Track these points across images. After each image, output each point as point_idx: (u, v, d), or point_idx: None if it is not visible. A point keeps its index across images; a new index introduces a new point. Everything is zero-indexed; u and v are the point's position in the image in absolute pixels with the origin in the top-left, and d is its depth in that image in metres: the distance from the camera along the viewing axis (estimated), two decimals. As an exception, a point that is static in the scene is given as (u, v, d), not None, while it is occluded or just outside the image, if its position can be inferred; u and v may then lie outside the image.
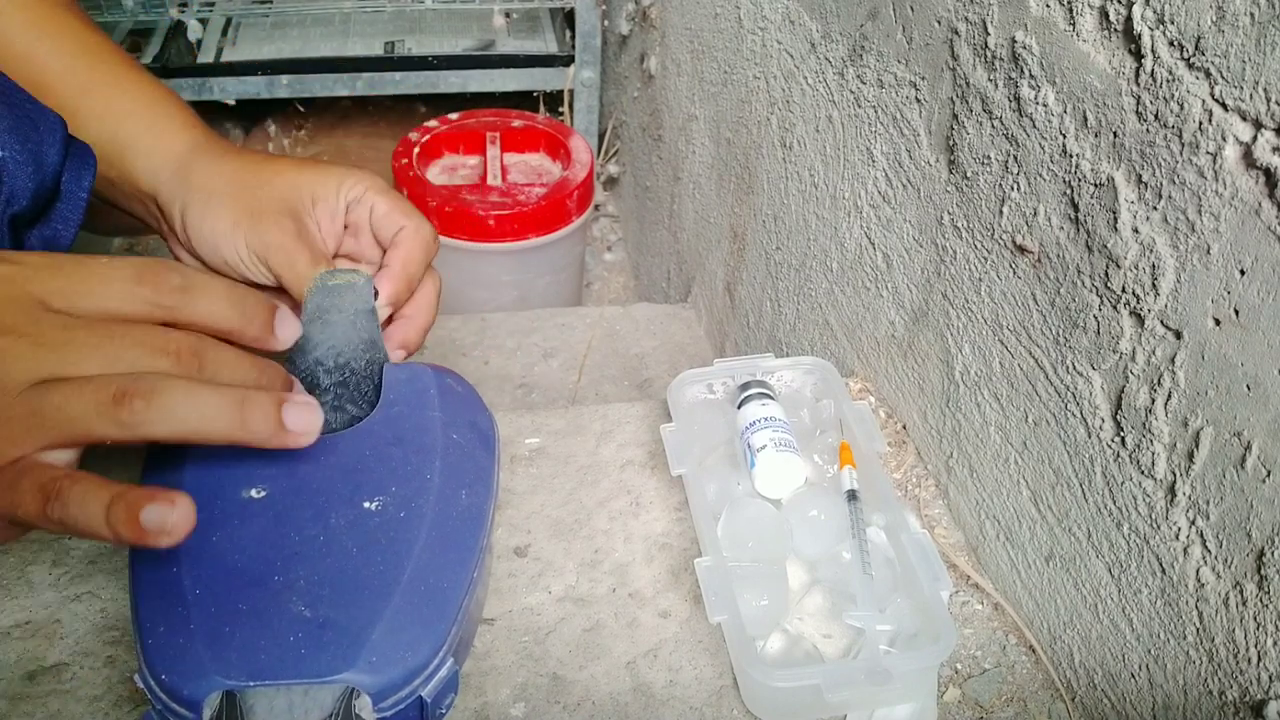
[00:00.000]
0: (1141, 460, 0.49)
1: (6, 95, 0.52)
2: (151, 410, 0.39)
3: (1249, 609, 0.43)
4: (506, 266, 1.44)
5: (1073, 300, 0.52)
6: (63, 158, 0.55)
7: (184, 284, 0.42)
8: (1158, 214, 0.46)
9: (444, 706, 0.45)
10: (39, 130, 0.53)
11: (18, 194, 0.52)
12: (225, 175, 0.57)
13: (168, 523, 0.38)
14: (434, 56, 1.68)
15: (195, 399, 0.40)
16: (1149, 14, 0.44)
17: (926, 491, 0.68)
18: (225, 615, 0.42)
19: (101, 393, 0.38)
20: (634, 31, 1.52)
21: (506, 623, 0.56)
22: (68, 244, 0.59)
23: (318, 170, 0.58)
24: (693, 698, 0.53)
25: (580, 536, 0.61)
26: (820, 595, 0.57)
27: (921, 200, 0.67)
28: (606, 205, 1.82)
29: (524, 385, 1.11)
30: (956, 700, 0.55)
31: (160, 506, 0.38)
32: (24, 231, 0.56)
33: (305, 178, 0.58)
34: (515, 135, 1.56)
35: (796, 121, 0.89)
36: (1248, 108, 0.40)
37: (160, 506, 0.38)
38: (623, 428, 0.69)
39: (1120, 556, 0.51)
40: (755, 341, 1.07)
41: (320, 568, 0.44)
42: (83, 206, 0.58)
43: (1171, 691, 0.49)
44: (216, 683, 0.40)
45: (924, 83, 0.65)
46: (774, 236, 0.97)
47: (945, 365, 0.65)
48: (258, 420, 0.41)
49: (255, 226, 0.55)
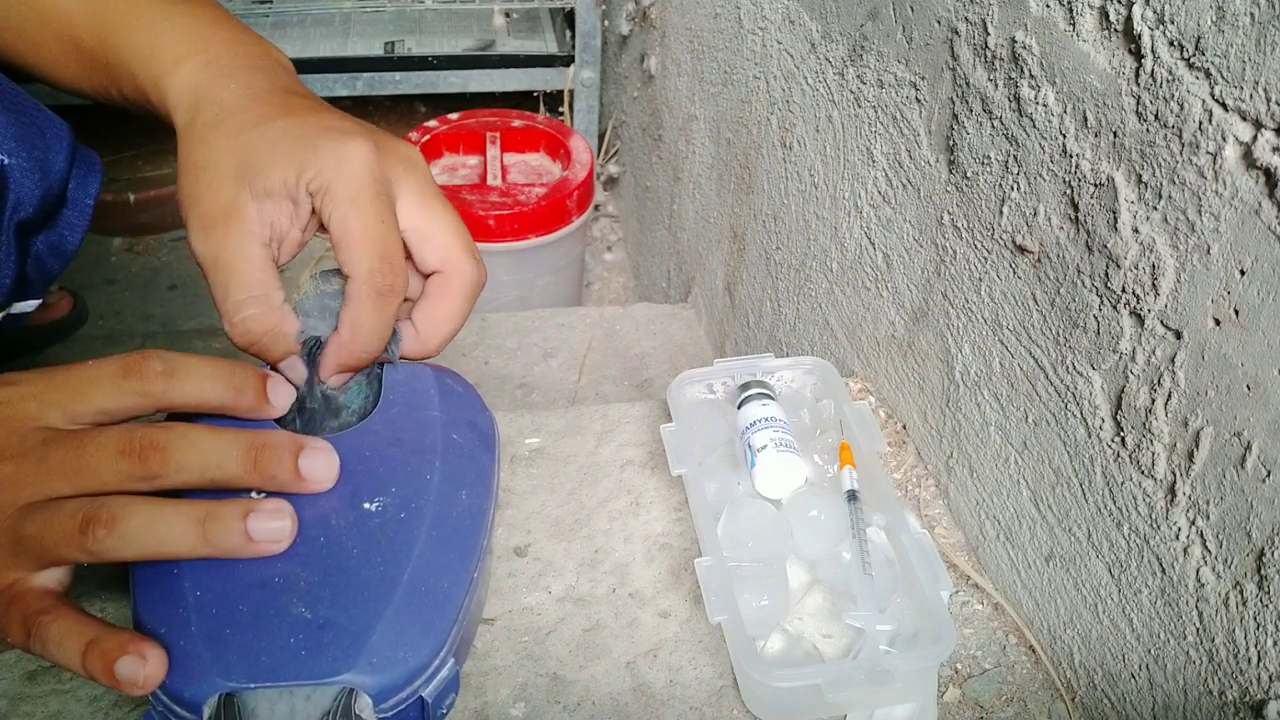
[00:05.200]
0: (1141, 460, 0.49)
1: (13, 102, 0.52)
2: (113, 538, 0.39)
3: (1249, 609, 0.43)
4: (506, 266, 1.44)
5: (1073, 300, 0.52)
6: (69, 164, 0.55)
7: (167, 369, 0.42)
8: (1158, 214, 0.46)
9: (445, 707, 0.45)
10: (45, 137, 0.53)
11: (24, 201, 0.52)
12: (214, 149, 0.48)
13: (140, 676, 0.39)
14: (434, 56, 1.68)
15: (155, 522, 0.40)
16: (1149, 14, 0.44)
17: (926, 491, 0.68)
18: (225, 617, 0.42)
19: (69, 521, 0.39)
20: (634, 31, 1.52)
21: (506, 623, 0.56)
22: (73, 249, 0.59)
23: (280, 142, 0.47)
24: (693, 698, 0.53)
25: (580, 536, 0.61)
26: (820, 595, 0.57)
27: (921, 200, 0.67)
28: (606, 205, 1.82)
29: (524, 385, 1.11)
30: (956, 700, 0.55)
31: (133, 660, 0.39)
32: (30, 237, 0.56)
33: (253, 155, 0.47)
34: (515, 135, 1.56)
35: (796, 121, 0.89)
36: (1248, 108, 0.40)
37: (133, 660, 0.39)
38: (623, 428, 0.69)
39: (1120, 556, 0.51)
40: (755, 341, 1.07)
41: (320, 569, 0.43)
42: (89, 213, 0.58)
43: (1171, 691, 0.49)
44: (217, 684, 0.40)
45: (924, 83, 0.65)
46: (774, 236, 0.97)
47: (945, 365, 0.65)
48: (220, 536, 0.41)
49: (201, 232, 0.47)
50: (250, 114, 0.48)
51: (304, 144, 0.47)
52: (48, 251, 0.58)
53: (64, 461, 0.40)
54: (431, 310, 0.50)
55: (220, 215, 0.46)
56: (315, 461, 0.45)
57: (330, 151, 0.46)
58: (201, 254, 0.47)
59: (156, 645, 0.40)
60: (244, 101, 0.49)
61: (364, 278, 0.46)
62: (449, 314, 0.50)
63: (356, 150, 0.47)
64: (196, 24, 0.53)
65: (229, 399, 0.45)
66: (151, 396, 0.42)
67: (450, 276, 0.49)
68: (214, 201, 0.47)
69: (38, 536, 0.40)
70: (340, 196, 0.46)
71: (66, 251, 0.58)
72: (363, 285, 0.46)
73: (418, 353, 0.51)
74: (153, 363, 0.42)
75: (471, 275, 0.50)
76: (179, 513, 0.41)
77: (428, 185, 0.50)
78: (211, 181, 0.47)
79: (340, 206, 0.46)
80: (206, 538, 0.41)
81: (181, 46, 0.51)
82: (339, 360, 0.48)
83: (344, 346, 0.48)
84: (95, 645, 0.39)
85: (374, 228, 0.46)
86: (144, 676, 0.39)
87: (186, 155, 0.48)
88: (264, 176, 0.46)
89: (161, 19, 0.52)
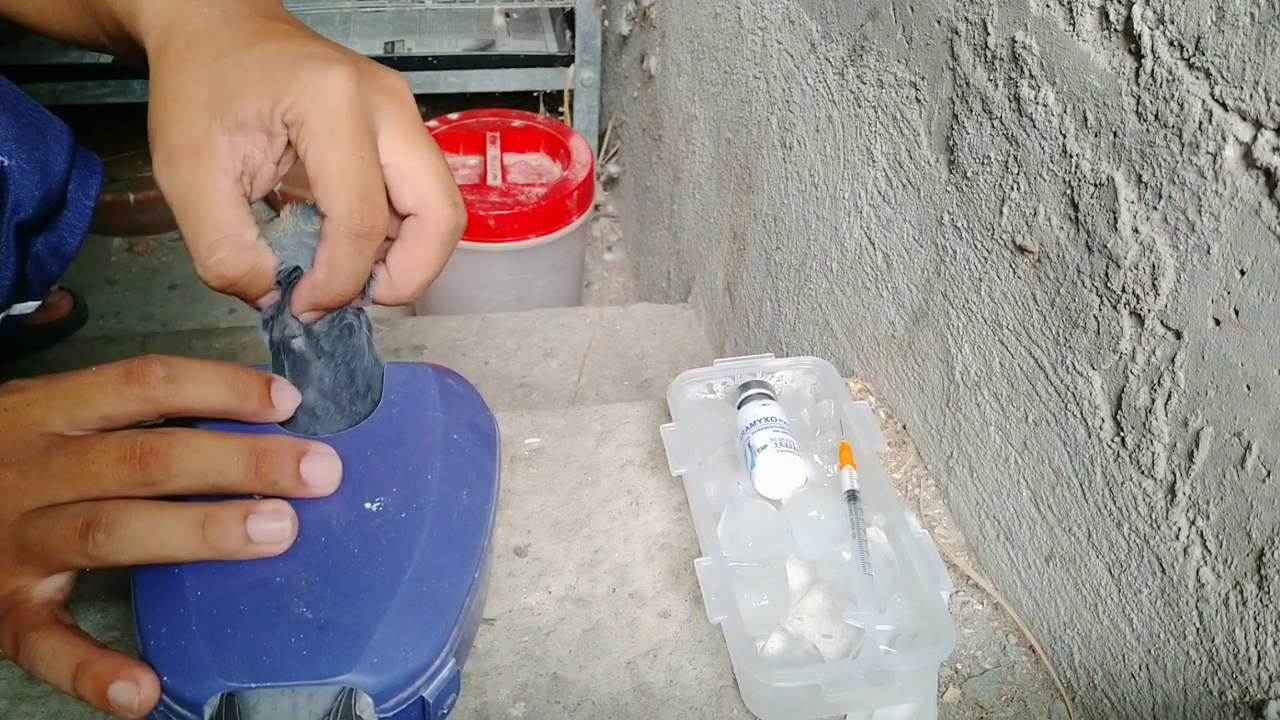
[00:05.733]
0: (1141, 460, 0.49)
1: (13, 103, 0.52)
2: (112, 542, 0.40)
3: (1249, 609, 0.43)
4: (506, 266, 1.44)
5: (1073, 300, 0.52)
6: (69, 166, 0.55)
7: (169, 374, 0.42)
8: (1158, 214, 0.46)
9: (445, 707, 0.45)
10: (45, 138, 0.53)
11: (24, 202, 0.52)
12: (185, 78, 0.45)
13: (135, 701, 0.40)
14: (434, 56, 1.68)
15: (155, 526, 0.41)
16: (1149, 14, 0.44)
17: (926, 491, 0.68)
18: (226, 617, 0.42)
19: (70, 527, 0.40)
20: (634, 31, 1.52)
21: (506, 623, 0.56)
22: (73, 251, 0.59)
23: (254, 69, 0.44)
24: (693, 698, 0.53)
25: (580, 536, 0.61)
26: (820, 595, 0.57)
27: (921, 200, 0.67)
28: (606, 205, 1.82)
29: (524, 385, 1.11)
30: (956, 700, 0.55)
31: (127, 685, 0.40)
32: (30, 239, 0.56)
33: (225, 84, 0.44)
34: (515, 135, 1.56)
35: (796, 121, 0.89)
36: (1248, 108, 0.40)
37: (127, 685, 0.40)
38: (623, 428, 0.69)
39: (1120, 556, 0.51)
40: (755, 341, 1.07)
41: (321, 569, 0.44)
42: (89, 215, 0.58)
43: (1171, 691, 0.49)
44: (218, 684, 0.40)
45: (924, 83, 0.65)
46: (774, 236, 0.97)
47: (945, 365, 0.65)
48: (220, 539, 0.42)
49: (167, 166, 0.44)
50: (224, 40, 0.45)
51: (281, 71, 0.44)
52: (47, 253, 0.58)
53: (66, 468, 0.41)
54: (406, 255, 0.47)
55: (189, 149, 0.43)
56: (317, 466, 0.45)
57: (309, 79, 0.43)
58: (169, 190, 0.44)
59: (148, 669, 0.40)
60: (217, 27, 0.46)
61: (341, 219, 0.43)
62: (423, 259, 0.47)
63: (336, 78, 0.43)
64: None
65: (233, 403, 0.44)
66: (154, 402, 0.42)
67: (426, 220, 0.47)
68: (182, 134, 0.43)
69: (40, 542, 0.40)
70: (318, 129, 0.43)
71: (66, 253, 0.58)
72: (339, 226, 0.44)
73: (390, 298, 0.48)
74: (155, 368, 0.42)
75: (449, 221, 0.47)
76: (178, 516, 0.41)
77: (411, 119, 0.47)
78: (181, 113, 0.44)
79: (318, 140, 0.43)
80: (206, 540, 0.41)
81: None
82: (313, 299, 0.46)
83: (318, 286, 0.45)
84: (86, 669, 0.40)
85: (352, 164, 0.43)
86: (139, 701, 0.40)
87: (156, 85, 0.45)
88: (236, 106, 0.43)
89: None
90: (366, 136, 0.44)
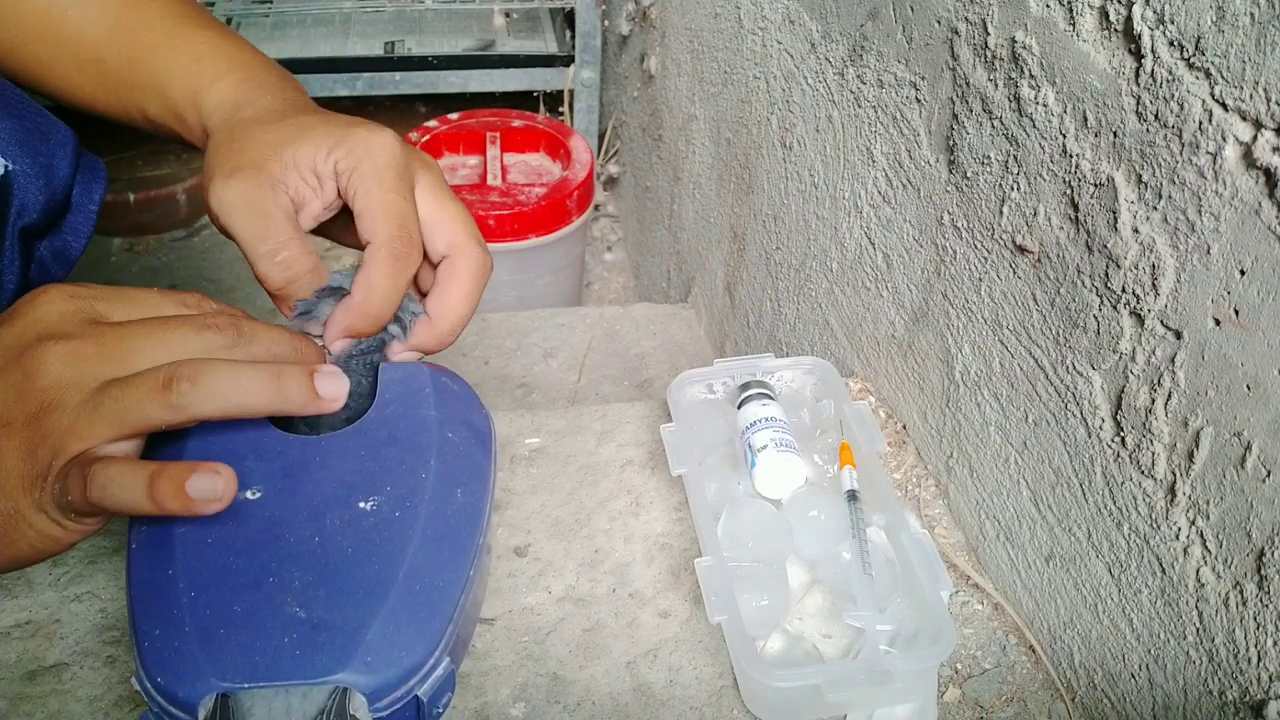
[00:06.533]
0: (1141, 460, 0.48)
1: (18, 108, 0.52)
2: (198, 390, 0.41)
3: (1249, 609, 0.43)
4: (506, 266, 1.44)
5: (1073, 300, 0.52)
6: (74, 170, 0.56)
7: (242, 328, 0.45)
8: (1158, 214, 0.45)
9: (440, 706, 0.45)
10: (49, 143, 0.54)
11: (28, 207, 0.52)
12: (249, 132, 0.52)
13: (218, 488, 0.41)
14: (434, 56, 1.68)
15: (236, 378, 0.42)
16: (1149, 14, 0.44)
17: (926, 491, 0.68)
18: (220, 617, 0.42)
19: (151, 381, 0.41)
20: (634, 31, 1.52)
21: (506, 623, 0.56)
22: (77, 255, 0.59)
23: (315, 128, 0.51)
24: (693, 698, 0.53)
25: (580, 536, 0.61)
26: (820, 595, 0.57)
27: (921, 200, 0.67)
28: (606, 205, 1.82)
29: (524, 385, 1.11)
30: (956, 700, 0.55)
31: (207, 476, 0.41)
32: (34, 243, 0.56)
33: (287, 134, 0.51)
34: (515, 135, 1.56)
35: (796, 121, 0.89)
36: (1248, 108, 0.40)
37: (207, 476, 0.41)
38: (623, 428, 0.69)
39: (1120, 556, 0.51)
40: (755, 341, 1.07)
41: (315, 568, 0.43)
42: (93, 219, 0.58)
43: (1171, 691, 0.48)
44: (212, 685, 0.40)
45: (924, 83, 0.65)
46: (774, 236, 0.97)
47: (945, 365, 0.65)
48: (293, 390, 0.44)
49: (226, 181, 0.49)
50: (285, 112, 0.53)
51: (338, 129, 0.51)
52: (51, 257, 0.58)
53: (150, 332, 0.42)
54: (443, 295, 0.52)
55: (251, 167, 0.49)
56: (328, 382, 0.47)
57: (362, 137, 0.50)
58: (231, 200, 0.49)
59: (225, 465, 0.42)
60: (280, 105, 0.53)
61: (384, 242, 0.49)
62: (460, 296, 0.52)
63: (386, 138, 0.51)
64: (236, 49, 0.57)
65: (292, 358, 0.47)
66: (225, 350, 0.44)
67: (457, 260, 0.52)
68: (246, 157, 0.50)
69: (119, 398, 0.41)
70: (367, 174, 0.49)
71: (70, 257, 0.59)
72: (382, 249, 0.49)
73: (432, 339, 0.52)
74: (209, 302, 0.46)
75: (478, 258, 0.52)
76: (257, 369, 0.43)
77: (442, 182, 0.53)
78: (243, 146, 0.50)
79: (366, 182, 0.49)
80: (281, 390, 0.43)
81: (221, 65, 0.56)
82: (347, 322, 0.50)
83: (354, 308, 0.49)
84: (160, 473, 0.41)
85: (396, 202, 0.49)
86: (222, 487, 0.41)
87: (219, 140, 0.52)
88: (294, 149, 0.50)
89: (202, 43, 0.57)
90: (407, 186, 0.51)
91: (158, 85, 0.56)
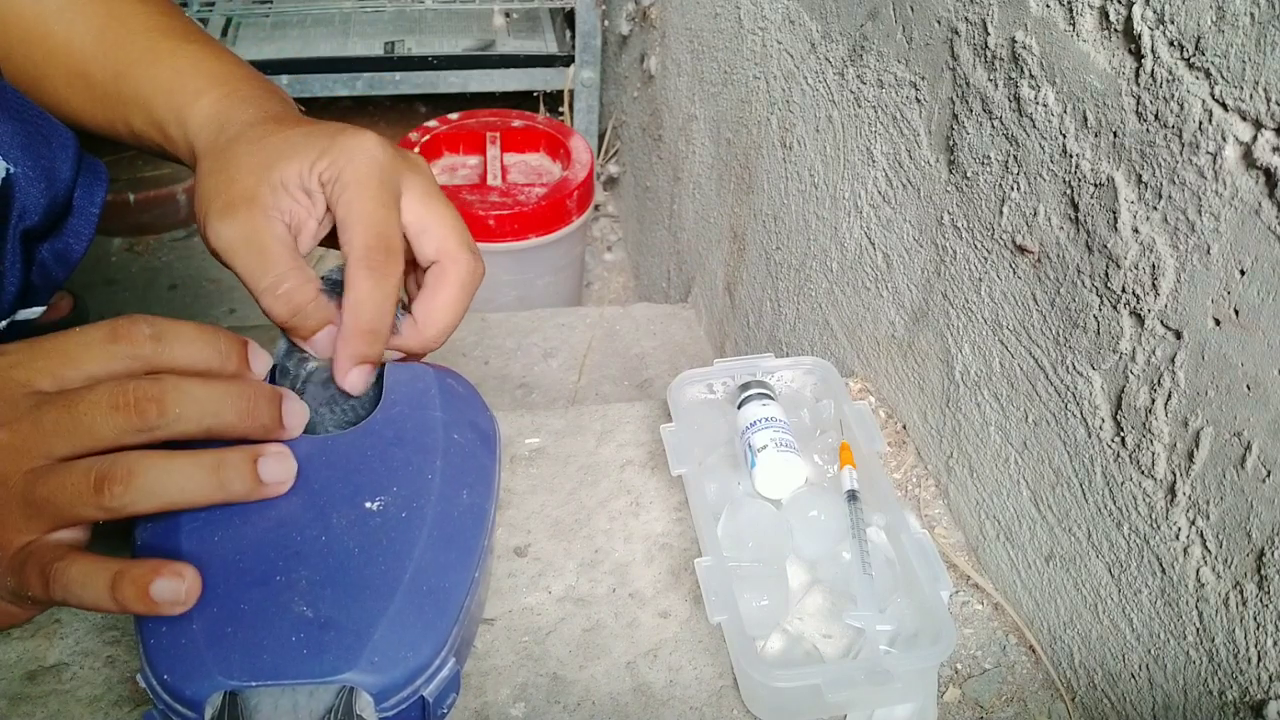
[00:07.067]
0: (1141, 460, 0.49)
1: (19, 110, 0.52)
2: (131, 492, 0.40)
3: (1249, 609, 0.43)
4: (506, 266, 1.44)
5: (1073, 300, 0.52)
6: (75, 172, 0.56)
7: (155, 332, 0.43)
8: (1158, 214, 0.46)
9: (445, 706, 0.45)
10: (51, 146, 0.54)
11: (29, 209, 0.52)
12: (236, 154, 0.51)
13: (180, 593, 0.41)
14: (434, 56, 1.68)
15: (170, 473, 0.41)
16: (1149, 14, 0.44)
17: (926, 491, 0.68)
18: (227, 615, 0.42)
19: (82, 480, 0.40)
20: (634, 31, 1.52)
21: (506, 623, 0.56)
22: (79, 257, 0.59)
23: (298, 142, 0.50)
24: (693, 698, 0.53)
25: (580, 536, 0.61)
26: (820, 595, 0.57)
27: (921, 200, 0.67)
28: (606, 205, 1.82)
29: (524, 385, 1.11)
30: (956, 700, 0.55)
31: (170, 580, 0.41)
32: (35, 245, 0.56)
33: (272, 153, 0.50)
34: (515, 135, 1.56)
35: (796, 121, 0.89)
36: (1248, 108, 0.40)
37: (170, 580, 0.41)
38: (623, 428, 0.69)
39: (1120, 556, 0.51)
40: (755, 341, 1.07)
41: (322, 568, 0.44)
42: (94, 221, 0.58)
43: (1171, 691, 0.49)
44: (218, 683, 0.40)
45: (924, 83, 0.65)
46: (774, 236, 0.97)
47: (945, 365, 0.65)
48: (235, 483, 0.43)
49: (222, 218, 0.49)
50: (269, 127, 0.52)
51: (319, 141, 0.50)
52: (53, 259, 0.58)
53: (59, 422, 0.41)
54: (429, 300, 0.51)
55: (243, 200, 0.48)
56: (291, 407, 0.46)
57: (344, 144, 0.49)
58: (229, 238, 0.48)
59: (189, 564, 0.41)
60: (263, 119, 0.52)
61: (359, 254, 0.48)
62: (446, 303, 0.51)
63: (369, 142, 0.50)
64: (218, 63, 0.56)
65: (215, 362, 0.45)
66: (141, 360, 0.43)
67: (446, 266, 0.51)
68: (238, 190, 0.49)
69: (50, 498, 0.40)
70: (348, 182, 0.49)
71: (72, 259, 0.59)
72: (359, 262, 0.48)
73: (417, 343, 0.52)
74: (141, 326, 0.43)
75: (468, 265, 0.51)
76: (192, 462, 0.42)
77: (431, 184, 0.52)
78: (234, 178, 0.49)
79: (347, 191, 0.48)
80: (220, 482, 0.42)
81: (203, 80, 0.55)
82: (348, 351, 0.49)
83: (350, 334, 0.48)
84: (123, 575, 0.40)
85: (374, 211, 0.48)
86: (184, 592, 0.40)
87: (208, 166, 0.51)
88: (279, 170, 0.49)
89: (184, 57, 0.56)
90: (390, 192, 0.50)
91: (142, 101, 0.56)
